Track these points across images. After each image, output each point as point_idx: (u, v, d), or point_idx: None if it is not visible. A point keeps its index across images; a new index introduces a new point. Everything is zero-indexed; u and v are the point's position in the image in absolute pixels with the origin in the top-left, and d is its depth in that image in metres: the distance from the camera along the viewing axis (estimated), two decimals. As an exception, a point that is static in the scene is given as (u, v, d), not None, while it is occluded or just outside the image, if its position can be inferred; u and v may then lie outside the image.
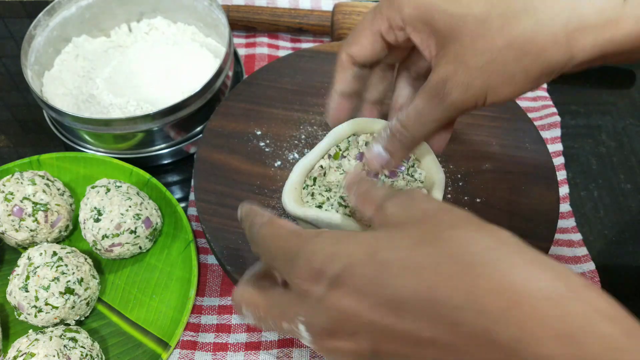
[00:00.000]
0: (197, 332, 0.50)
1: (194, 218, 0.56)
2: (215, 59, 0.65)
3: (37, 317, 0.47)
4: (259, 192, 0.51)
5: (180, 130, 0.59)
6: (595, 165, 0.62)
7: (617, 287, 0.53)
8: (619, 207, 0.59)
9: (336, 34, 0.68)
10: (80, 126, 0.56)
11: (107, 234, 0.50)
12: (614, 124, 0.66)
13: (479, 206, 0.50)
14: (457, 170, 0.52)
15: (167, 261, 0.53)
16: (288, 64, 0.60)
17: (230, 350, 0.49)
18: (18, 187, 0.51)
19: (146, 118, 0.54)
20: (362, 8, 0.68)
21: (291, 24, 0.70)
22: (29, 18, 0.75)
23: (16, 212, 0.50)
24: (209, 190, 0.51)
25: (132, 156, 0.59)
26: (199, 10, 0.65)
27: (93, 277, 0.49)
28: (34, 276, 0.46)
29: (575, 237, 0.55)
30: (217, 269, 0.54)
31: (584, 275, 0.52)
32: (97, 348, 0.47)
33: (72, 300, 0.47)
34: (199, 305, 0.52)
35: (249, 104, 0.56)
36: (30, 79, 0.58)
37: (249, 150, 0.53)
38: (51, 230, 0.52)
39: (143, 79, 0.63)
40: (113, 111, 0.60)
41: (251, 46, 0.71)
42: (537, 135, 0.54)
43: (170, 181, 0.61)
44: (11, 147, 0.64)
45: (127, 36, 0.68)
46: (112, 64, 0.65)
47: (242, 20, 0.70)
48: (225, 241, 0.48)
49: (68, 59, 0.65)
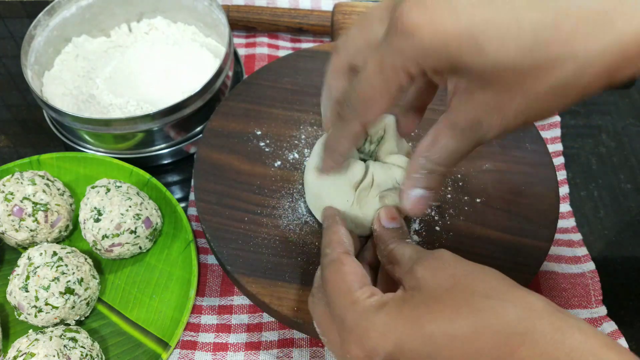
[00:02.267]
0: (197, 332, 0.50)
1: (194, 218, 0.56)
2: (215, 59, 0.65)
3: (37, 317, 0.47)
4: (259, 192, 0.51)
5: (180, 130, 0.59)
6: (595, 165, 0.62)
7: (617, 287, 0.53)
8: (619, 207, 0.59)
9: (336, 34, 0.68)
10: (80, 126, 0.56)
11: (107, 234, 0.50)
12: (614, 124, 0.66)
13: (479, 206, 0.50)
14: (457, 170, 0.52)
15: (167, 261, 0.53)
16: (288, 64, 0.60)
17: (230, 350, 0.49)
18: (18, 187, 0.51)
19: (146, 118, 0.54)
20: (362, 8, 0.68)
21: (291, 24, 0.70)
22: (29, 18, 0.75)
23: (16, 212, 0.50)
24: (209, 190, 0.51)
25: (132, 156, 0.59)
26: (199, 10, 0.65)
27: (93, 277, 0.49)
28: (34, 276, 0.46)
29: (575, 237, 0.55)
30: (217, 269, 0.54)
31: (583, 275, 0.52)
32: (97, 348, 0.47)
33: (72, 300, 0.47)
34: (199, 305, 0.52)
35: (249, 104, 0.56)
36: (30, 79, 0.58)
37: (249, 150, 0.53)
38: (51, 230, 0.52)
39: (143, 79, 0.63)
40: (113, 111, 0.60)
41: (251, 46, 0.71)
42: (537, 135, 0.54)
43: (170, 181, 0.61)
44: (11, 147, 0.64)
45: (127, 36, 0.68)
46: (112, 64, 0.65)
47: (242, 20, 0.70)
48: (225, 241, 0.48)
49: (68, 59, 0.65)
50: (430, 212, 0.50)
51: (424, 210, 0.38)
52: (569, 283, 0.52)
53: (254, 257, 0.47)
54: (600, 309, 0.51)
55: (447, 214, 0.49)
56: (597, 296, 0.51)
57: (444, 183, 0.51)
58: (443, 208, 0.50)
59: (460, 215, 0.49)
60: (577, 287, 0.52)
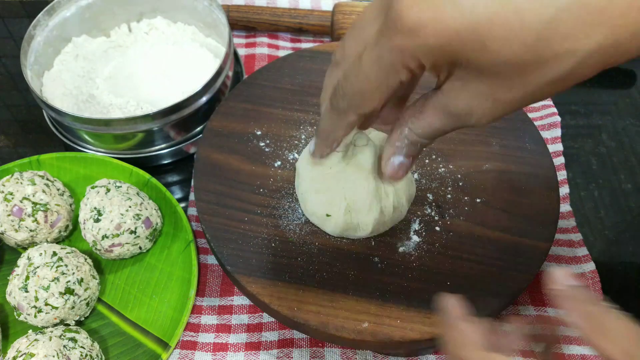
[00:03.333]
0: (197, 332, 0.50)
1: (194, 218, 0.56)
2: (215, 59, 0.65)
3: (36, 317, 0.47)
4: (259, 192, 0.51)
5: (180, 130, 0.59)
6: (595, 165, 0.62)
7: (617, 287, 0.53)
8: (619, 207, 0.59)
9: (336, 34, 0.68)
10: (80, 126, 0.56)
11: (107, 234, 0.50)
12: (614, 124, 0.66)
13: (479, 206, 0.50)
14: (457, 170, 0.52)
15: (167, 261, 0.53)
16: (288, 64, 0.60)
17: (230, 350, 0.49)
18: (18, 187, 0.51)
19: (146, 118, 0.54)
20: (361, 8, 0.68)
21: (291, 24, 0.70)
22: (29, 18, 0.75)
23: (16, 212, 0.50)
24: (209, 190, 0.51)
25: (132, 156, 0.59)
26: (199, 10, 0.65)
27: (93, 278, 0.49)
28: (33, 276, 0.46)
29: (575, 237, 0.55)
30: (217, 269, 0.54)
31: (583, 275, 0.52)
32: (96, 348, 0.47)
33: (72, 300, 0.47)
34: (199, 305, 0.52)
35: (249, 104, 0.56)
36: (30, 79, 0.58)
37: (249, 150, 0.53)
38: (51, 231, 0.52)
39: (143, 79, 0.63)
40: (113, 111, 0.60)
41: (251, 46, 0.71)
42: (537, 135, 0.54)
43: (170, 181, 0.61)
44: (11, 147, 0.64)
45: (127, 36, 0.68)
46: (112, 64, 0.65)
47: (242, 20, 0.70)
48: (225, 241, 0.48)
49: (68, 59, 0.65)
50: (430, 212, 0.50)
51: (403, 176, 0.38)
52: (569, 283, 0.52)
53: (254, 257, 0.47)
54: (601, 309, 0.51)
55: (447, 214, 0.49)
56: (597, 296, 0.51)
57: (444, 182, 0.51)
58: (443, 208, 0.50)
59: (460, 215, 0.49)
60: (577, 287, 0.52)
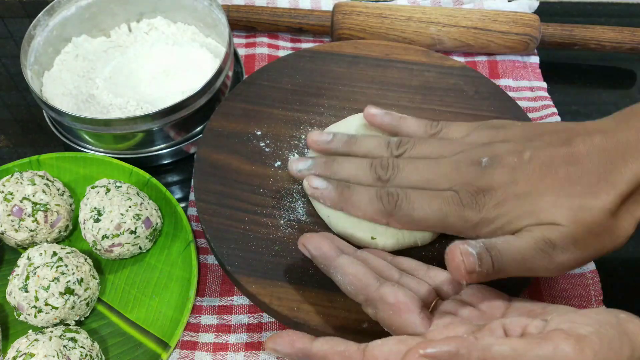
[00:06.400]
0: (197, 332, 0.50)
1: (194, 218, 0.56)
2: (215, 59, 0.65)
3: (36, 317, 0.47)
4: (259, 192, 0.51)
5: (180, 130, 0.59)
6: (596, 165, 0.62)
7: (617, 287, 0.53)
8: (619, 207, 0.59)
9: (336, 34, 0.68)
10: (80, 126, 0.56)
11: (107, 234, 0.50)
12: (614, 124, 0.66)
13: (479, 206, 0.50)
14: (457, 170, 0.52)
15: (167, 261, 0.53)
16: (288, 64, 0.60)
17: (230, 350, 0.49)
18: (17, 187, 0.51)
19: (146, 118, 0.54)
20: (362, 8, 0.68)
21: (291, 24, 0.70)
22: (29, 18, 0.75)
23: (16, 212, 0.50)
24: (209, 190, 0.51)
25: (132, 156, 0.59)
26: (199, 10, 0.65)
27: (93, 278, 0.49)
28: (33, 276, 0.46)
29: (576, 237, 0.55)
30: (217, 269, 0.54)
31: (583, 275, 0.52)
32: (96, 348, 0.47)
33: (72, 300, 0.47)
34: (199, 305, 0.52)
35: (249, 104, 0.56)
36: (30, 79, 0.58)
37: (249, 150, 0.53)
38: (51, 231, 0.52)
39: (143, 79, 0.63)
40: (113, 111, 0.60)
41: (251, 46, 0.71)
42: (537, 135, 0.54)
43: (170, 181, 0.61)
44: (11, 147, 0.64)
45: (127, 36, 0.68)
46: (112, 64, 0.65)
47: (242, 20, 0.70)
48: (225, 241, 0.48)
49: (68, 59, 0.64)
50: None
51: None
52: (569, 283, 0.52)
53: (254, 257, 0.47)
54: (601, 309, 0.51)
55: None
56: (597, 296, 0.51)
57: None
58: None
59: (460, 215, 0.49)
60: (577, 287, 0.52)
